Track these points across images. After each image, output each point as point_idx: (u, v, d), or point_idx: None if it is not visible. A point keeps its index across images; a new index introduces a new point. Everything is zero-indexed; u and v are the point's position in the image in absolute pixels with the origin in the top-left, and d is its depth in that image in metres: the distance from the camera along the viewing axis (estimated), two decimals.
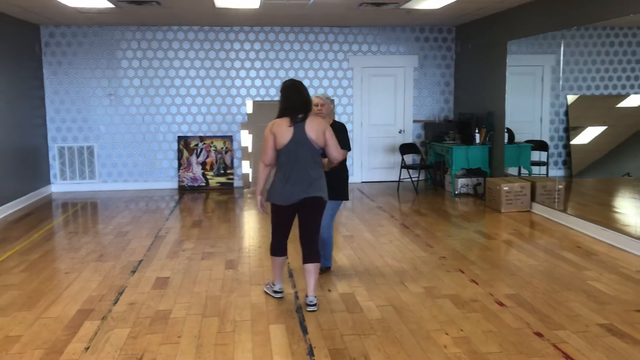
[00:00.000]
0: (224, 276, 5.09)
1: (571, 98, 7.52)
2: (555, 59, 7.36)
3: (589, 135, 7.70)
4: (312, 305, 4.24)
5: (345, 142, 4.75)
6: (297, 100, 4.18)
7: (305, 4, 7.57)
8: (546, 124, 7.94)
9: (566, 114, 7.61)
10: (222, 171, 9.88)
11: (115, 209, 8.14)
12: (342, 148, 4.49)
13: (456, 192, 8.93)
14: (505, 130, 8.43)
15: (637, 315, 4.10)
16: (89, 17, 8.53)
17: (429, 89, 10.33)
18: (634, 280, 4.87)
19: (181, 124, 9.86)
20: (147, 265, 5.43)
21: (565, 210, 7.12)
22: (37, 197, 9.04)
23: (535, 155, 8.26)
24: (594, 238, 6.27)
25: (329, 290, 4.67)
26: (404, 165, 9.52)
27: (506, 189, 7.62)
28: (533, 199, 7.70)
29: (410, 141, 10.27)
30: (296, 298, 4.51)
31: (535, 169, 8.33)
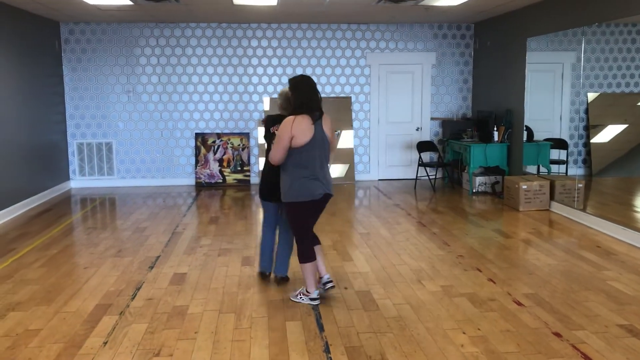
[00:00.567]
0: (241, 273, 5.10)
1: (591, 96, 7.41)
2: (575, 56, 7.26)
3: (609, 133, 7.59)
4: (331, 282, 4.43)
5: None
6: (314, 97, 4.15)
7: (323, 1, 7.55)
8: (566, 122, 7.84)
9: (586, 111, 7.50)
10: (239, 168, 9.91)
11: (133, 205, 8.20)
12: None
13: (474, 191, 8.86)
14: (524, 128, 8.34)
15: None
16: (108, 14, 8.59)
17: (446, 86, 10.26)
18: None
19: (198, 120, 9.91)
20: (165, 261, 5.47)
21: (584, 209, 7.03)
22: (57, 193, 9.14)
23: (555, 154, 8.16)
24: (614, 238, 6.19)
25: (345, 288, 4.66)
26: (421, 163, 9.46)
27: (525, 187, 7.54)
28: (552, 197, 7.61)
29: (428, 139, 10.21)
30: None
31: (555, 168, 8.23)
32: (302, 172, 4.11)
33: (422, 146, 9.58)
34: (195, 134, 9.87)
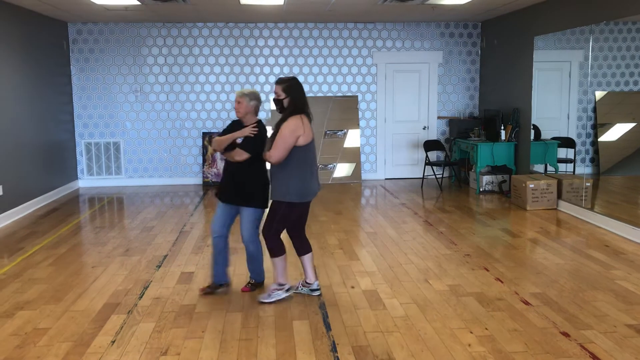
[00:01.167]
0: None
1: (599, 94, 7.37)
2: (583, 55, 7.23)
3: (617, 132, 7.55)
4: (318, 290, 4.49)
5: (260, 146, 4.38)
6: (305, 99, 4.29)
7: (329, 1, 7.55)
8: (573, 121, 7.80)
9: (594, 110, 7.47)
10: None
11: (140, 204, 8.23)
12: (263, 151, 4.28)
13: (481, 190, 8.84)
14: (532, 127, 8.31)
15: None
16: (115, 14, 8.63)
17: (453, 85, 10.24)
18: None
19: (206, 120, 9.93)
20: (172, 260, 5.49)
21: (592, 208, 7.00)
22: (65, 192, 9.19)
23: (562, 153, 8.13)
24: (622, 237, 6.16)
25: (352, 287, 4.66)
26: (428, 162, 9.45)
27: (532, 186, 7.52)
28: (559, 196, 7.59)
29: (435, 138, 10.19)
30: (319, 295, 4.51)
31: (562, 167, 8.19)
32: (305, 171, 4.18)
33: (429, 145, 9.57)
34: (202, 133, 9.90)
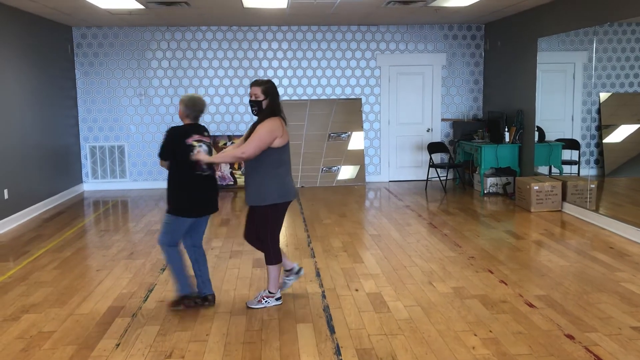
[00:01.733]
0: (252, 275, 5.12)
1: (604, 96, 7.36)
2: (587, 56, 7.22)
3: (622, 133, 7.53)
4: (301, 269, 4.59)
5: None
6: (280, 102, 4.32)
7: (333, 4, 7.56)
8: (578, 122, 7.79)
9: (598, 111, 7.45)
10: None
11: (145, 207, 8.25)
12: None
13: (485, 192, 8.83)
14: (536, 128, 8.30)
15: None
16: (119, 18, 8.66)
17: (457, 87, 10.23)
18: None
19: (210, 123, 9.95)
20: None
21: (597, 210, 6.98)
22: (70, 196, 9.22)
23: (567, 154, 8.11)
24: (627, 239, 6.14)
25: (356, 290, 4.66)
26: (432, 164, 9.44)
27: (536, 188, 7.50)
28: (564, 198, 7.57)
29: (439, 140, 10.18)
30: (323, 297, 4.52)
31: (567, 168, 8.18)
32: (281, 173, 4.21)
33: (433, 147, 9.56)
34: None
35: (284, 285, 4.56)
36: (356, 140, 10.03)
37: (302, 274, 4.63)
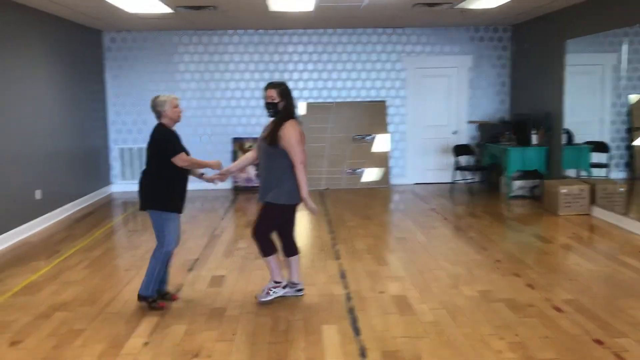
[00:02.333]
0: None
1: (634, 98, 7.24)
2: (616, 58, 7.10)
3: None
4: (302, 290, 4.61)
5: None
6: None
7: (359, 6, 7.58)
8: (607, 125, 7.67)
9: (628, 114, 7.33)
10: None
11: None
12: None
13: (512, 195, 8.74)
14: (564, 131, 8.19)
15: None
16: (148, 23, 8.80)
17: (483, 89, 10.16)
18: None
19: (236, 126, 10.04)
20: (203, 264, 5.57)
21: (627, 213, 6.86)
22: (99, 197, 9.38)
23: (596, 157, 7.99)
24: None
25: (381, 292, 4.67)
26: (458, 167, 9.39)
27: (564, 191, 7.41)
28: (593, 201, 7.46)
29: (465, 142, 10.12)
30: (348, 299, 4.53)
31: (596, 171, 8.06)
32: (294, 175, 4.27)
33: (459, 150, 9.51)
34: (233, 139, 10.01)
35: (269, 294, 4.51)
36: (381, 143, 10.02)
37: (301, 294, 4.60)
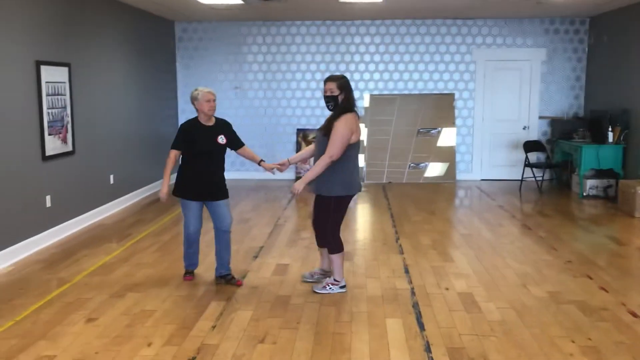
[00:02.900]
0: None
1: None
2: None
3: None
4: (345, 286, 4.57)
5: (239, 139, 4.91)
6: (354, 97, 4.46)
7: None
8: None
9: None
10: None
11: (237, 197, 8.51)
12: (241, 145, 4.87)
13: (584, 194, 8.40)
14: None
15: None
16: (219, 13, 8.97)
17: (557, 83, 9.80)
18: None
19: (300, 117, 10.11)
20: (268, 252, 5.65)
21: None
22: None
23: None
24: None
25: (447, 289, 4.60)
26: (527, 164, 9.11)
27: None
28: None
29: (535, 138, 9.80)
30: (412, 294, 4.49)
31: None
32: (351, 167, 4.33)
33: (529, 146, 9.23)
34: (297, 129, 10.08)
35: (307, 277, 4.76)
36: (447, 137, 9.85)
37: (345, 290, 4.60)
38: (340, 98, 4.29)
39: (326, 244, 4.51)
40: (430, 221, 6.94)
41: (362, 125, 9.92)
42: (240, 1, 7.67)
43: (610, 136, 8.26)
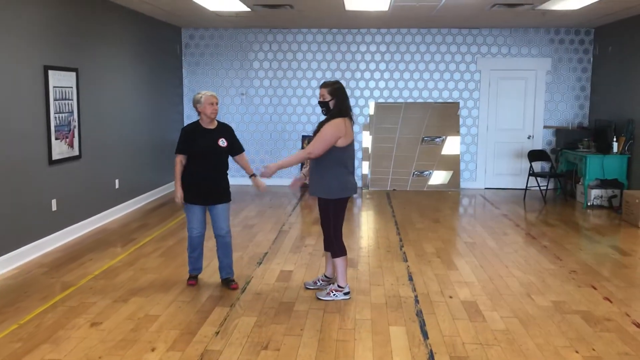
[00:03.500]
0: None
1: None
2: None
3: None
4: (349, 293, 4.59)
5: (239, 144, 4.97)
6: (349, 102, 4.52)
7: (435, 6, 7.48)
8: None
9: None
10: None
11: (242, 203, 8.53)
12: (240, 151, 4.90)
13: (589, 204, 8.39)
14: None
15: None
16: (225, 20, 9.01)
17: (562, 93, 9.81)
18: None
19: (305, 123, 10.14)
20: (272, 258, 5.66)
21: None
22: (173, 189, 9.68)
23: None
24: None
25: (450, 297, 4.59)
26: (532, 173, 9.11)
27: None
28: None
29: (540, 148, 9.80)
30: (416, 302, 4.49)
31: None
32: (344, 170, 4.41)
33: (534, 155, 9.23)
34: (302, 136, 10.10)
35: (309, 285, 4.79)
36: (451, 145, 9.86)
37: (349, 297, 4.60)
38: (331, 104, 4.40)
39: (330, 247, 4.54)
40: (435, 229, 6.94)
41: (367, 133, 9.97)
42: (247, 8, 7.71)
43: (615, 146, 8.26)
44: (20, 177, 5.46)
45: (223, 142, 4.69)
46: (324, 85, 4.43)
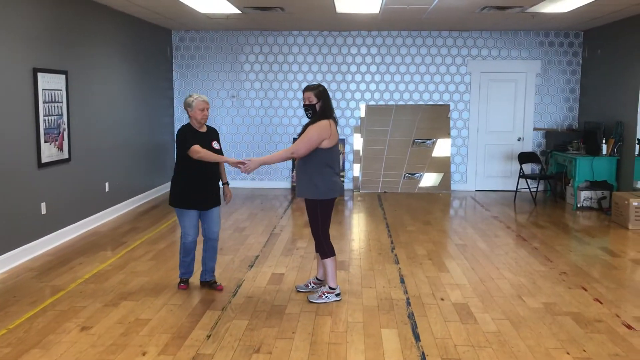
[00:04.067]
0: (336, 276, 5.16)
1: None
2: None
3: None
4: (340, 295, 4.60)
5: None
6: (332, 104, 4.55)
7: (426, 9, 7.51)
8: None
9: None
10: None
11: (232, 206, 8.50)
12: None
13: (578, 205, 8.44)
14: (638, 141, 7.85)
15: None
16: (216, 22, 9.00)
17: (551, 95, 9.87)
18: None
19: (296, 126, 10.13)
20: (263, 261, 5.64)
21: None
22: (164, 191, 9.64)
23: None
24: None
25: (442, 299, 4.60)
26: (522, 175, 9.15)
27: (636, 204, 7.10)
28: None
29: (530, 150, 9.85)
30: (408, 304, 4.49)
31: None
32: (330, 171, 4.44)
33: (524, 157, 9.27)
34: (293, 139, 10.09)
35: (301, 288, 4.79)
36: (442, 147, 9.89)
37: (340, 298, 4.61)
38: (317, 106, 4.44)
39: (319, 248, 4.55)
40: (426, 231, 6.95)
41: (358, 135, 9.98)
42: (238, 11, 7.70)
43: (604, 148, 8.32)
44: (9, 180, 5.41)
45: (216, 145, 4.69)
46: (308, 88, 4.47)
